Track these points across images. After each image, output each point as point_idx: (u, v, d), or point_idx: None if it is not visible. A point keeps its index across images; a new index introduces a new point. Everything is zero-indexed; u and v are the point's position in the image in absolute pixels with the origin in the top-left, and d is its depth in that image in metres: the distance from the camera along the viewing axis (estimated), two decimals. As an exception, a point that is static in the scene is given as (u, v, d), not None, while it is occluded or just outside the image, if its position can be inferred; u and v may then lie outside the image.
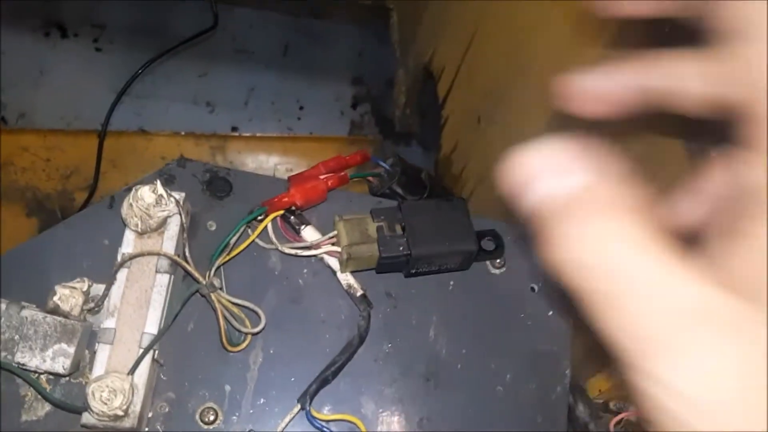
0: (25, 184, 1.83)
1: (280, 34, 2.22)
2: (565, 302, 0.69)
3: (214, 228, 0.67)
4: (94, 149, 1.67)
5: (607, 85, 0.34)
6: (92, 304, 0.60)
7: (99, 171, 1.28)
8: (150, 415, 0.60)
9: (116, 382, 0.55)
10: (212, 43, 2.13)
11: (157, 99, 2.07)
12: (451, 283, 0.69)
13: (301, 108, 2.13)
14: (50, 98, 1.99)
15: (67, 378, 0.60)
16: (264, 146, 2.05)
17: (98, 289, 0.61)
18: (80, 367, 0.60)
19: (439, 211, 0.65)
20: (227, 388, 0.62)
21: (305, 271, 0.67)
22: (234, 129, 2.08)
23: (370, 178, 0.73)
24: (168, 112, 2.07)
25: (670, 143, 0.78)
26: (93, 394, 0.54)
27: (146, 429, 0.60)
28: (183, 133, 2.00)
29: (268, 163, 2.03)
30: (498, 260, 0.69)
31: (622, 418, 0.73)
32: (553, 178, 0.26)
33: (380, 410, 0.64)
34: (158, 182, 0.60)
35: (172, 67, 2.07)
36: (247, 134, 2.07)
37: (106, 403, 0.54)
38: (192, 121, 2.05)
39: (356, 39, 2.26)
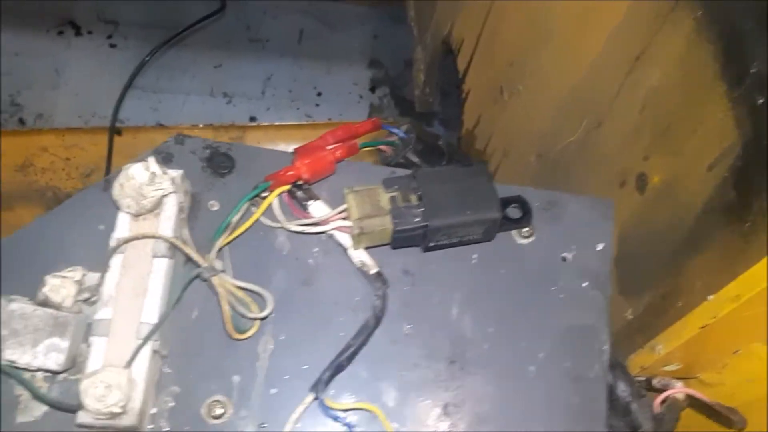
0: (45, 185, 1.82)
1: (293, 20, 2.17)
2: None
3: (216, 208, 0.62)
4: (113, 146, 1.65)
5: None
6: (87, 295, 0.56)
7: (110, 166, 1.25)
8: (153, 411, 0.56)
9: (112, 376, 0.50)
10: (226, 33, 2.09)
11: (174, 93, 2.04)
12: (475, 256, 0.63)
13: (319, 94, 2.09)
14: (67, 97, 1.97)
15: (64, 375, 0.56)
16: (283, 135, 2.01)
17: (94, 278, 0.57)
18: (77, 362, 0.56)
19: (458, 178, 0.60)
20: (236, 378, 0.58)
21: (316, 250, 0.62)
22: (252, 119, 2.04)
23: (383, 147, 0.68)
24: (185, 105, 2.04)
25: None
26: (86, 391, 0.50)
27: (149, 426, 0.56)
28: (201, 125, 1.96)
29: (289, 151, 1.99)
30: (525, 229, 0.63)
31: (668, 396, 0.67)
32: None
33: (402, 397, 0.59)
34: (151, 159, 0.55)
35: (186, 60, 2.04)
36: (266, 123, 2.03)
37: (101, 400, 0.50)
38: (210, 113, 2.02)
39: (371, 20, 2.21)
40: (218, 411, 0.56)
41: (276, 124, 2.03)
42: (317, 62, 2.15)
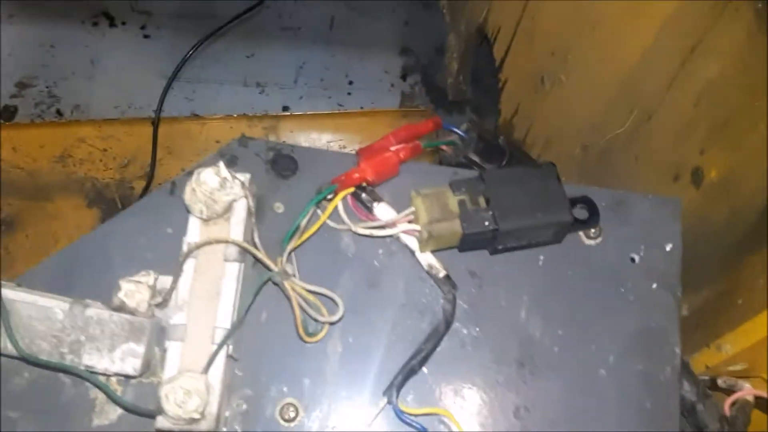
0: (84, 175, 1.83)
1: (325, 8, 2.16)
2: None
3: (281, 210, 0.62)
4: (149, 137, 1.66)
5: None
6: (159, 299, 0.56)
7: (155, 158, 1.25)
8: (227, 414, 0.57)
9: (190, 382, 0.51)
10: (258, 22, 2.09)
11: (208, 83, 2.04)
12: (541, 257, 0.62)
13: (350, 83, 2.08)
14: (103, 88, 1.98)
15: (138, 378, 0.56)
16: (316, 124, 2.01)
17: (164, 281, 0.57)
18: (151, 365, 0.56)
19: (527, 179, 0.59)
20: (306, 381, 0.58)
21: (380, 251, 0.62)
22: (285, 108, 2.04)
23: (444, 147, 0.67)
24: (219, 96, 2.04)
25: None
26: (167, 397, 0.50)
27: (224, 429, 0.56)
28: (235, 115, 1.97)
29: (321, 140, 1.99)
30: (592, 230, 0.63)
31: (738, 398, 0.66)
32: None
33: (472, 400, 0.59)
34: (221, 164, 0.55)
35: (219, 50, 2.04)
36: (299, 113, 2.02)
37: (181, 406, 0.50)
38: (243, 103, 2.01)
39: (402, 7, 2.18)
40: (291, 414, 0.57)
41: (309, 113, 2.03)
42: (349, 50, 2.14)
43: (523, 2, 1.42)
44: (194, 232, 0.56)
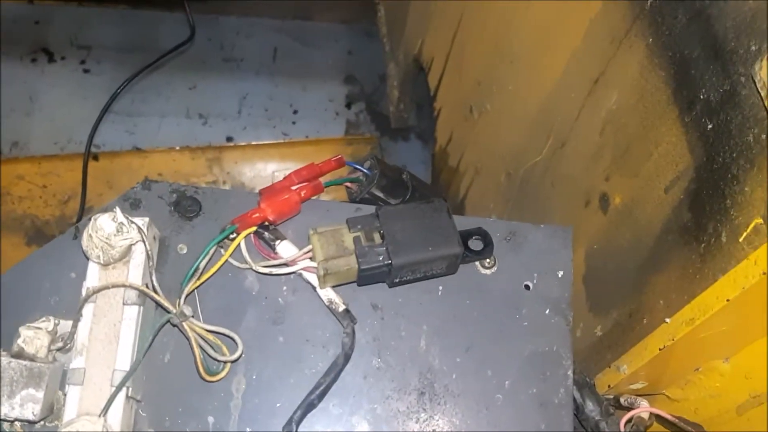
0: (23, 213, 1.82)
1: (267, 39, 2.18)
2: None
3: (185, 251, 0.63)
4: (90, 172, 1.64)
5: None
6: (61, 343, 0.57)
7: (85, 195, 1.26)
8: (130, 454, 0.57)
9: (87, 425, 0.52)
10: (200, 53, 2.10)
11: (149, 116, 2.04)
12: (440, 288, 0.65)
13: (295, 112, 2.10)
14: (42, 124, 1.97)
15: (42, 422, 0.57)
16: (260, 154, 2.03)
17: (66, 326, 0.58)
18: (55, 410, 0.57)
19: (419, 215, 0.62)
20: (210, 419, 0.59)
21: (285, 288, 0.64)
22: (229, 139, 2.05)
23: (348, 184, 0.69)
24: (161, 128, 2.04)
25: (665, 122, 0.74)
26: (63, 441, 0.51)
27: (127, 470, 0.57)
28: (178, 147, 1.97)
29: (266, 170, 2.00)
30: (487, 260, 0.65)
31: (633, 416, 0.69)
32: None
33: (373, 430, 0.61)
34: (117, 210, 0.56)
35: (161, 83, 2.04)
36: (243, 143, 2.04)
37: (77, 450, 0.51)
38: (186, 135, 2.02)
39: (345, 37, 2.22)
40: (194, 452, 0.58)
41: (253, 143, 2.04)
42: (292, 80, 2.16)
43: (452, 35, 1.47)
44: (93, 276, 0.57)
